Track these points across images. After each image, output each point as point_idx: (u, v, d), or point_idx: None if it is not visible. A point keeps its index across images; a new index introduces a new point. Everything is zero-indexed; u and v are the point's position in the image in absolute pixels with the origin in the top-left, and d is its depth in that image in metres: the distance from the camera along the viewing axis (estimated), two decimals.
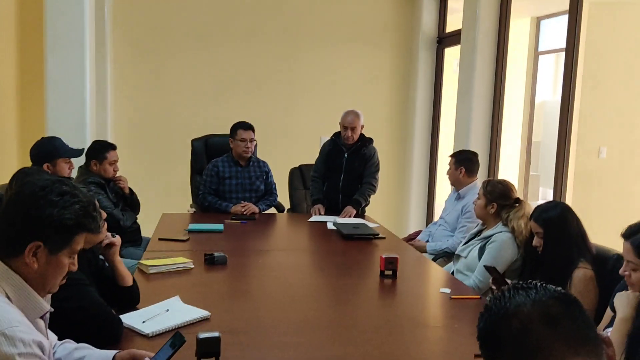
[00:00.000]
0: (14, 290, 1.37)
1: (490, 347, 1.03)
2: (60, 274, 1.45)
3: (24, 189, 1.42)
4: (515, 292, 1.02)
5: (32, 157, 3.35)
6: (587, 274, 2.35)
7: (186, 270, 2.82)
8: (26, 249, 1.37)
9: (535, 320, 0.97)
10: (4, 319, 1.28)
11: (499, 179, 3.33)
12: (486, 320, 1.04)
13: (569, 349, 0.95)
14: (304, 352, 1.95)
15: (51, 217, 1.38)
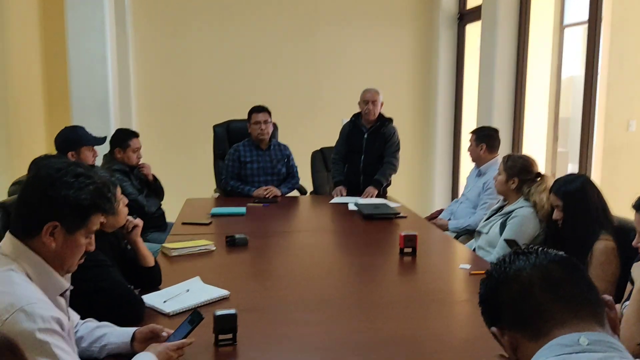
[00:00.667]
0: (33, 269, 1.42)
1: (491, 312, 1.03)
2: (77, 253, 1.49)
3: (41, 172, 1.46)
4: (515, 257, 1.02)
5: (57, 146, 3.43)
6: (609, 246, 2.31)
7: (208, 252, 2.87)
8: (43, 229, 1.41)
9: (535, 284, 0.97)
10: (24, 296, 1.33)
11: (519, 154, 3.28)
12: (487, 285, 1.04)
13: (568, 311, 0.94)
14: (319, 328, 1.98)
15: (67, 197, 1.42)
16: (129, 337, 1.72)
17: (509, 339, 1.01)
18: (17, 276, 1.38)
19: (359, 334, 1.93)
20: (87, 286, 1.90)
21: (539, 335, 0.95)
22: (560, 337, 0.92)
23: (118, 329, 1.77)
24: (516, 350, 1.01)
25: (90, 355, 1.71)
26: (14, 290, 1.33)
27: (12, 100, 4.37)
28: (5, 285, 1.34)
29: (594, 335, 0.92)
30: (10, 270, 1.38)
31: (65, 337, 1.38)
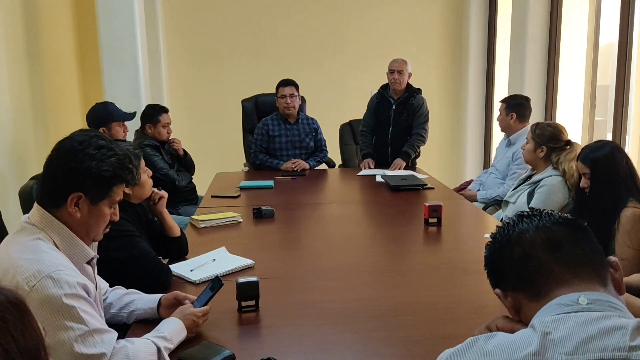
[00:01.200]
0: (60, 238, 1.48)
1: (495, 274, 1.05)
2: (102, 222, 1.54)
3: (64, 145, 1.51)
4: (519, 220, 1.03)
5: (88, 122, 3.53)
6: (636, 213, 2.26)
7: (235, 224, 2.93)
8: (68, 200, 1.46)
9: (537, 246, 0.98)
10: (51, 263, 1.39)
11: (548, 122, 3.21)
12: (491, 248, 1.05)
13: (570, 271, 0.95)
14: (341, 296, 2.01)
15: (90, 169, 1.46)
16: (156, 304, 1.79)
17: (512, 300, 1.02)
18: (45, 245, 1.44)
19: (380, 301, 1.96)
20: (117, 255, 1.99)
21: (540, 295, 0.96)
22: (560, 297, 0.93)
23: (145, 296, 1.84)
24: (519, 311, 1.02)
25: (120, 321, 1.78)
26: (42, 258, 1.39)
27: (47, 80, 4.49)
28: (33, 253, 1.41)
29: (594, 294, 0.92)
30: (37, 239, 1.44)
31: (92, 302, 1.45)
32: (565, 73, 5.11)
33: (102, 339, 1.39)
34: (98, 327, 1.40)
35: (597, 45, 7.05)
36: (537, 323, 0.90)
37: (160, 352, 1.48)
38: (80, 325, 1.36)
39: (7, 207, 3.41)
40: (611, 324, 0.86)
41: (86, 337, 1.36)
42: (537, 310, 0.95)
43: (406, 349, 1.59)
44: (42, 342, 0.77)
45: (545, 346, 0.85)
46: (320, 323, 1.78)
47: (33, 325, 0.76)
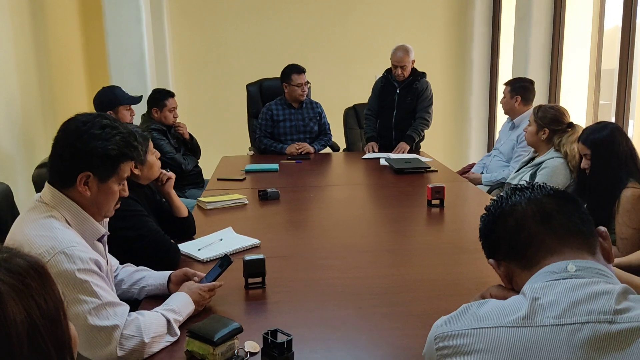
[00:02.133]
0: (72, 215, 1.53)
1: (489, 245, 1.09)
2: (112, 199, 1.59)
3: (69, 126, 1.55)
4: (512, 193, 1.07)
5: (95, 106, 3.58)
6: (636, 193, 2.29)
7: (241, 205, 2.98)
8: (77, 179, 1.51)
9: (529, 217, 1.02)
10: (64, 239, 1.44)
11: (550, 104, 3.24)
12: (485, 220, 1.10)
13: (559, 241, 0.99)
14: (345, 273, 2.06)
15: (96, 148, 1.50)
16: (166, 280, 1.84)
17: (504, 269, 1.07)
18: (57, 222, 1.49)
19: (383, 279, 2.01)
20: (127, 234, 2.04)
21: (531, 264, 1.00)
22: (549, 265, 0.97)
23: (155, 273, 1.89)
24: (511, 280, 1.07)
25: (131, 297, 1.84)
26: (55, 235, 1.44)
27: (54, 65, 4.53)
28: (46, 230, 1.46)
29: (582, 262, 0.96)
30: (50, 217, 1.49)
31: (104, 277, 1.50)
32: (570, 56, 5.11)
33: (114, 311, 1.44)
34: (110, 300, 1.45)
35: (602, 28, 7.01)
36: (527, 289, 0.95)
37: (170, 323, 1.54)
38: (93, 298, 1.41)
39: (17, 190, 3.46)
40: (598, 289, 0.90)
41: (99, 310, 1.41)
42: (528, 278, 0.99)
43: (407, 323, 1.64)
44: (63, 306, 0.81)
45: (534, 310, 0.90)
46: (325, 299, 1.83)
47: (54, 290, 0.80)
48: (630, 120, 4.70)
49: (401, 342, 1.54)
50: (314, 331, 1.62)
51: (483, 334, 0.91)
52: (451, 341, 0.93)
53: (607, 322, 0.87)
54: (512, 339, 0.88)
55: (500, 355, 0.88)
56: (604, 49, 7.21)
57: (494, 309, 0.94)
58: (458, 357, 0.92)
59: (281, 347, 1.36)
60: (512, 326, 0.89)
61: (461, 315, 0.96)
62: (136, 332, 1.44)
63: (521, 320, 0.90)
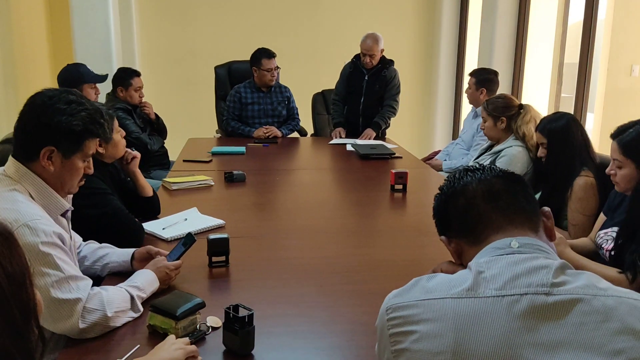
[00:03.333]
0: (35, 189, 1.52)
1: (441, 222, 1.15)
2: (76, 175, 1.58)
3: (35, 100, 1.53)
4: (464, 173, 1.13)
5: (60, 83, 3.51)
6: (588, 182, 2.40)
7: (207, 187, 2.99)
8: (40, 154, 1.50)
9: (478, 196, 1.08)
10: (27, 213, 1.43)
11: (495, 95, 3.37)
12: (438, 199, 1.16)
13: (505, 219, 1.05)
14: (308, 253, 2.11)
15: (60, 123, 1.49)
16: (129, 257, 1.85)
17: (455, 245, 1.13)
18: (21, 196, 1.48)
19: (345, 258, 2.06)
20: (91, 212, 2.04)
21: (479, 241, 1.06)
22: (494, 242, 1.03)
23: (119, 250, 1.90)
24: (461, 256, 1.13)
25: (94, 273, 1.84)
26: (18, 208, 1.43)
27: (17, 41, 4.42)
28: (9, 203, 1.44)
29: (525, 239, 1.02)
30: (14, 190, 1.48)
31: (67, 251, 1.50)
32: (534, 49, 5.23)
33: (77, 285, 1.44)
34: (73, 274, 1.45)
35: (566, 23, 7.19)
36: (473, 264, 1.01)
37: (133, 299, 1.56)
38: (56, 271, 1.41)
39: None
40: (537, 263, 0.96)
41: (62, 283, 1.42)
42: (476, 254, 1.05)
43: (366, 301, 1.69)
44: (29, 272, 0.83)
45: (478, 283, 0.95)
46: (287, 277, 1.87)
47: (20, 256, 0.82)
48: (590, 113, 4.86)
49: (359, 318, 1.59)
50: (275, 307, 1.65)
51: (431, 304, 0.96)
52: (401, 312, 0.98)
53: (544, 294, 0.92)
54: (456, 309, 0.93)
55: (446, 323, 0.93)
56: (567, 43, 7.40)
57: (442, 282, 0.99)
58: (407, 326, 0.96)
59: (242, 321, 1.39)
60: (457, 297, 0.95)
61: (411, 288, 1.01)
62: (99, 306, 1.45)
63: (465, 291, 0.95)
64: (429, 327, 0.94)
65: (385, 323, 1.00)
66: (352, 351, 1.47)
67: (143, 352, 1.37)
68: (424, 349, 0.93)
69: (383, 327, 1.01)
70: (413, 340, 0.95)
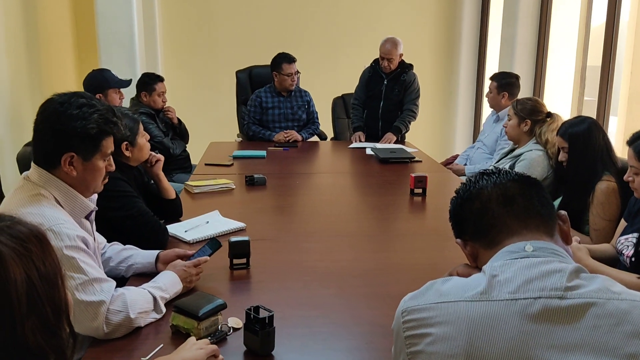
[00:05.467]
0: (60, 193, 1.55)
1: (457, 225, 1.17)
2: (99, 175, 1.62)
3: (47, 108, 1.55)
4: (480, 177, 1.14)
5: (85, 89, 3.59)
6: (610, 186, 2.38)
7: (228, 190, 3.04)
8: (61, 161, 1.53)
9: (493, 200, 1.09)
10: (52, 217, 1.47)
11: (527, 97, 3.34)
12: (454, 203, 1.18)
13: (520, 223, 1.06)
14: (327, 256, 2.13)
15: (75, 129, 1.52)
16: (153, 258, 1.90)
17: (470, 248, 1.14)
18: (46, 200, 1.51)
19: (365, 262, 2.08)
20: (116, 214, 2.09)
21: (494, 244, 1.07)
22: (509, 246, 1.04)
23: (143, 252, 1.94)
24: (476, 259, 1.14)
25: (118, 274, 1.89)
26: (43, 212, 1.47)
27: (43, 47, 4.53)
28: (34, 207, 1.48)
29: (539, 243, 1.03)
30: (39, 195, 1.52)
31: (91, 254, 1.54)
32: (556, 52, 5.19)
33: (101, 287, 1.48)
34: (97, 276, 1.49)
35: (589, 26, 7.11)
36: (487, 268, 1.02)
37: (156, 300, 1.59)
38: (80, 274, 1.45)
39: (5, 172, 3.49)
40: (551, 267, 0.97)
41: (86, 286, 1.45)
42: (490, 258, 1.06)
43: (385, 303, 1.70)
44: (60, 272, 0.87)
45: (492, 286, 0.97)
46: (307, 279, 1.90)
47: (53, 257, 0.86)
48: (613, 116, 4.81)
49: (378, 320, 1.61)
50: (296, 309, 1.68)
51: (445, 307, 0.97)
52: (416, 314, 1.00)
53: (558, 297, 0.93)
54: (470, 312, 0.95)
55: (459, 326, 0.94)
56: (590, 46, 7.32)
57: (456, 285, 1.01)
58: (422, 329, 0.98)
59: (263, 322, 1.42)
60: (470, 300, 0.96)
61: (426, 290, 1.03)
62: (122, 308, 1.49)
63: (479, 295, 0.96)
64: (443, 330, 0.95)
65: (400, 325, 1.02)
66: (370, 353, 1.49)
67: (166, 352, 1.41)
68: (438, 352, 0.95)
69: (399, 330, 1.02)
70: (428, 343, 0.96)
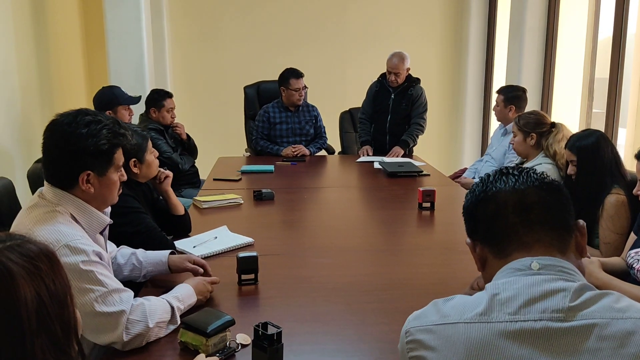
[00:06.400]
0: (77, 209, 1.57)
1: (470, 223, 1.11)
2: (115, 188, 1.65)
3: (54, 130, 1.56)
4: (499, 177, 1.07)
5: (95, 105, 3.63)
6: (620, 199, 2.36)
7: (236, 205, 3.04)
8: (79, 180, 1.55)
9: (509, 207, 1.03)
10: (68, 233, 1.49)
11: (528, 111, 3.35)
12: (469, 199, 1.11)
13: (532, 236, 1.01)
14: (336, 271, 2.12)
15: (87, 148, 1.53)
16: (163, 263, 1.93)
17: (480, 251, 1.09)
18: (61, 216, 1.53)
19: (373, 277, 2.08)
20: (125, 230, 2.10)
21: (503, 254, 1.03)
22: (514, 262, 1.00)
23: (151, 256, 1.95)
24: (485, 264, 1.09)
25: (133, 280, 1.92)
26: (59, 228, 1.49)
27: (54, 65, 4.59)
28: (50, 224, 1.50)
29: (548, 260, 0.98)
30: (54, 212, 1.53)
31: (107, 266, 1.56)
32: (563, 65, 5.19)
33: (120, 297, 1.49)
34: (116, 287, 1.50)
35: (596, 38, 7.11)
36: (490, 286, 0.99)
37: (173, 311, 1.60)
38: (99, 287, 1.46)
39: (16, 186, 3.51)
40: (555, 286, 0.94)
41: (106, 297, 1.46)
42: (498, 267, 1.02)
43: (394, 319, 1.69)
44: (70, 291, 0.88)
45: (492, 306, 0.93)
46: (315, 295, 1.89)
47: (62, 276, 0.87)
48: (622, 128, 4.78)
49: (387, 336, 1.60)
50: (304, 325, 1.68)
51: (444, 329, 0.95)
52: (417, 336, 0.97)
53: (559, 320, 0.90)
54: (468, 335, 0.92)
55: (457, 350, 0.92)
56: (598, 58, 7.31)
57: (457, 305, 0.98)
58: (423, 351, 0.96)
59: (271, 339, 1.42)
60: (469, 322, 0.93)
61: (428, 310, 1.01)
62: (141, 317, 1.50)
63: (478, 316, 0.93)
64: (443, 354, 0.93)
65: (404, 346, 1.00)
66: None
67: None
68: None
69: (403, 350, 1.01)
70: None
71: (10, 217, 2.33)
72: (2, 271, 0.80)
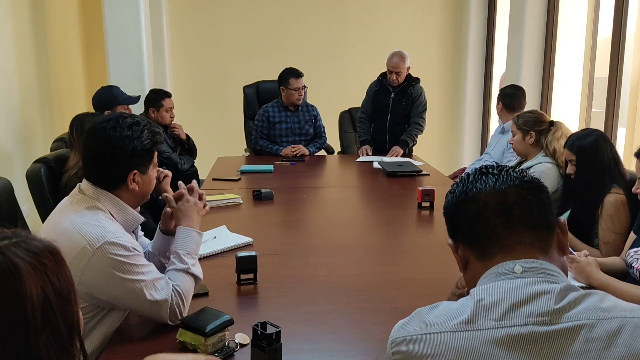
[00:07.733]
0: (115, 208, 1.64)
1: (451, 225, 1.09)
2: (153, 184, 1.75)
3: (98, 136, 1.63)
4: (479, 176, 1.05)
5: (94, 105, 3.63)
6: (619, 199, 2.36)
7: (235, 205, 3.04)
8: (128, 180, 1.63)
9: (489, 208, 1.01)
10: (111, 230, 1.56)
11: (525, 111, 3.35)
12: (449, 200, 1.09)
13: (514, 236, 1.00)
14: (335, 271, 2.12)
15: (135, 149, 1.62)
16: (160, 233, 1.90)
17: (462, 252, 1.07)
18: (102, 213, 1.61)
19: (372, 276, 2.07)
20: None
21: (485, 256, 1.01)
22: (497, 266, 0.99)
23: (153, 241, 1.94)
24: (467, 266, 1.07)
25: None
26: (103, 225, 1.56)
27: (53, 65, 4.59)
28: (93, 219, 1.57)
29: (530, 262, 0.97)
30: (96, 207, 1.61)
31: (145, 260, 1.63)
32: (563, 65, 5.19)
33: (161, 285, 1.58)
34: (157, 276, 1.60)
35: (596, 38, 7.11)
36: (474, 291, 0.97)
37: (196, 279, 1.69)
38: (142, 277, 1.55)
39: (15, 186, 3.51)
40: (540, 288, 0.93)
41: (149, 287, 1.56)
42: (481, 270, 1.01)
43: (393, 319, 1.65)
44: (74, 288, 0.89)
45: (477, 313, 0.92)
46: (314, 295, 1.89)
47: (67, 272, 0.87)
48: (621, 127, 4.79)
49: (386, 336, 1.56)
50: (303, 325, 1.67)
51: (431, 339, 0.93)
52: (403, 346, 0.96)
53: (545, 323, 0.89)
54: (455, 344, 0.91)
55: (446, 359, 0.91)
56: (597, 58, 7.31)
57: (442, 313, 0.96)
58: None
59: (270, 338, 1.41)
60: (455, 331, 0.92)
61: (412, 320, 0.99)
62: (179, 300, 1.60)
63: (464, 324, 0.92)
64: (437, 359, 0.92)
65: (390, 357, 0.99)
66: None
67: None
68: None
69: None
70: None
71: (10, 217, 2.34)
72: (9, 267, 0.81)
